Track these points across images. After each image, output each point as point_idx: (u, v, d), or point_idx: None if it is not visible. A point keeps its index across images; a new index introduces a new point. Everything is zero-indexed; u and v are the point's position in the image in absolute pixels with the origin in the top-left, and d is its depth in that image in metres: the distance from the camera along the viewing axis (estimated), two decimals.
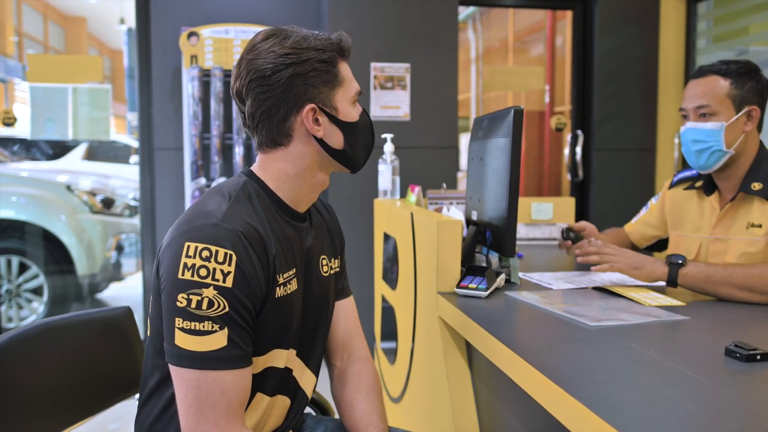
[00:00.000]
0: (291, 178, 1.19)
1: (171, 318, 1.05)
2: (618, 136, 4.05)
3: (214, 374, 1.04)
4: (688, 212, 1.88)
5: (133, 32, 3.80)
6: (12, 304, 4.36)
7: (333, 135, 1.19)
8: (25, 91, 3.86)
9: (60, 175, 5.00)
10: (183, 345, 1.04)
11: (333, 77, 1.17)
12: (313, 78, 1.14)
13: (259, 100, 1.14)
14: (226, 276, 1.04)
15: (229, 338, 1.05)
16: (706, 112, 1.70)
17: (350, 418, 1.34)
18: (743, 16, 3.71)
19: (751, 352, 1.05)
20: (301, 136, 1.17)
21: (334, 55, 1.17)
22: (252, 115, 1.16)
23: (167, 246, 1.09)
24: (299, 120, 1.16)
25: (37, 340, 1.25)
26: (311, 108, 1.15)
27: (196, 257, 1.03)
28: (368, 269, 2.95)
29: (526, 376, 1.08)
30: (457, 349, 1.66)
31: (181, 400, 1.06)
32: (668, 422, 0.83)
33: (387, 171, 2.51)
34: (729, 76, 1.69)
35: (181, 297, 1.03)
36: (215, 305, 1.03)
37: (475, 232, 1.74)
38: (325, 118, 1.17)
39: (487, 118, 1.76)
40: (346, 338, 1.41)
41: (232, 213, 1.09)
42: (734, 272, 1.49)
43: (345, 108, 1.20)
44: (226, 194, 1.14)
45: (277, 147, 1.18)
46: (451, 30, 3.75)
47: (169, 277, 1.06)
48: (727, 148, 1.69)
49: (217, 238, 1.05)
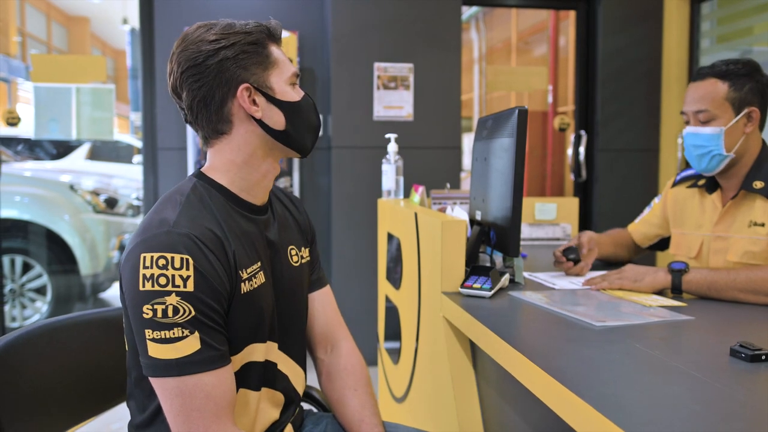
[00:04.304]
0: (239, 167, 1.19)
1: (141, 331, 1.04)
2: (621, 137, 4.04)
3: (194, 378, 1.04)
4: (690, 210, 1.88)
5: (137, 32, 3.80)
6: (15, 304, 4.36)
7: (273, 115, 1.18)
8: (29, 90, 3.87)
9: (63, 175, 5.01)
10: (157, 355, 1.03)
11: (264, 59, 1.17)
12: (243, 60, 1.14)
13: (193, 90, 1.14)
14: (186, 281, 1.04)
15: (201, 341, 1.04)
16: (706, 117, 1.69)
17: (343, 415, 1.34)
18: (747, 16, 3.70)
19: (756, 352, 1.05)
20: (242, 121, 1.17)
21: (263, 37, 1.18)
22: (190, 107, 1.16)
23: (125, 260, 1.08)
24: (236, 104, 1.15)
25: (40, 340, 1.25)
26: (245, 87, 1.15)
27: (153, 267, 1.03)
28: (372, 269, 2.95)
29: (531, 375, 1.07)
30: (461, 349, 1.66)
31: (168, 411, 1.06)
32: (673, 422, 0.83)
33: (390, 171, 2.51)
34: (727, 78, 1.68)
35: (146, 308, 1.03)
36: (180, 311, 1.03)
37: (479, 232, 1.74)
38: (262, 99, 1.17)
39: (491, 118, 1.76)
40: (327, 329, 1.41)
41: (183, 218, 1.09)
42: (738, 276, 1.49)
43: (282, 88, 1.19)
44: (177, 199, 1.13)
45: (220, 136, 1.18)
46: (454, 30, 3.75)
47: (130, 290, 1.05)
48: (728, 152, 1.69)
49: (171, 244, 1.05)
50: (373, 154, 3.43)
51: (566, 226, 2.66)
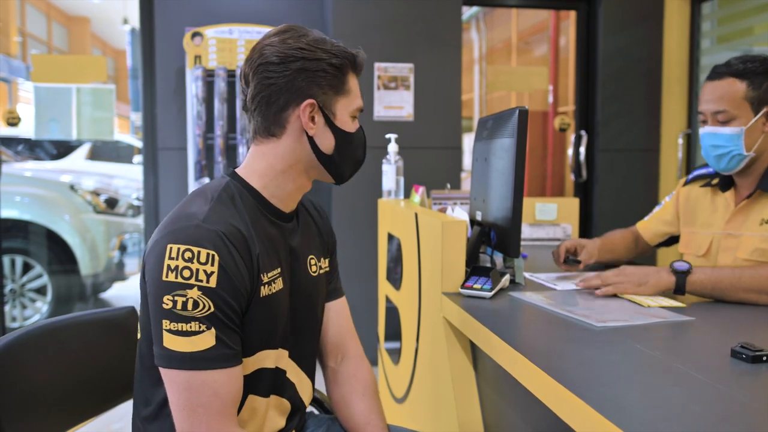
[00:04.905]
0: (276, 174, 1.20)
1: (158, 320, 1.05)
2: (622, 137, 4.04)
3: (205, 374, 1.05)
4: (701, 209, 1.87)
5: (137, 32, 3.80)
6: (16, 304, 4.36)
7: (325, 138, 1.19)
8: (29, 91, 3.87)
9: (64, 175, 5.01)
10: (171, 346, 1.04)
11: (340, 84, 1.19)
12: (320, 78, 1.16)
13: (262, 85, 1.15)
14: (210, 276, 1.04)
15: (217, 338, 1.05)
16: (725, 118, 1.68)
17: (349, 418, 1.34)
18: (747, 16, 3.70)
19: (757, 353, 1.05)
20: (294, 132, 1.18)
21: (346, 64, 1.19)
22: (253, 98, 1.17)
23: (150, 249, 1.09)
24: (296, 114, 1.16)
25: (41, 340, 1.25)
26: (310, 103, 1.16)
27: (179, 259, 1.04)
28: (372, 269, 2.95)
29: (531, 376, 1.07)
30: (461, 349, 1.66)
31: (174, 403, 1.06)
32: (674, 423, 0.82)
33: (391, 171, 2.51)
34: (745, 77, 1.67)
35: (167, 299, 1.04)
36: (200, 306, 1.04)
37: (480, 232, 1.74)
38: (321, 119, 1.18)
39: (491, 118, 1.76)
40: (339, 339, 1.41)
41: (213, 214, 1.10)
42: (743, 275, 1.48)
43: (343, 117, 1.21)
44: (209, 196, 1.14)
45: (269, 138, 1.19)
46: (454, 30, 3.75)
47: (153, 280, 1.06)
48: (747, 151, 1.68)
49: (199, 239, 1.05)
50: (374, 154, 3.41)
51: (567, 227, 2.66)
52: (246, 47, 3.57)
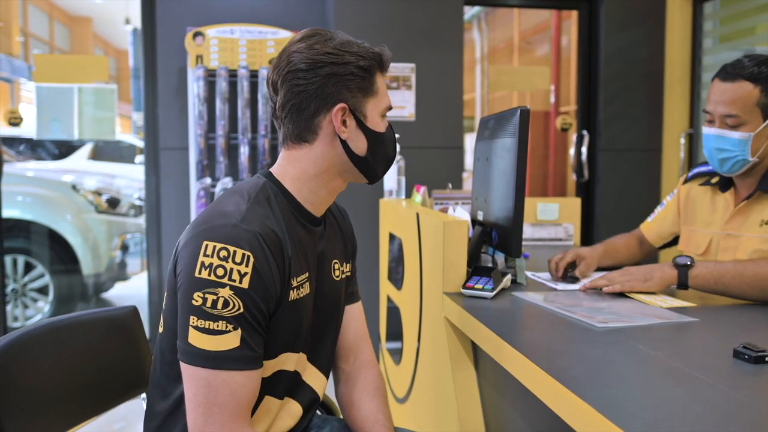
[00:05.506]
0: (311, 178, 1.20)
1: (186, 316, 1.05)
2: (623, 137, 4.03)
3: (225, 374, 1.05)
4: (700, 208, 1.86)
5: (139, 32, 3.80)
6: (18, 304, 4.37)
7: (358, 140, 1.20)
8: (31, 91, 3.87)
9: (65, 175, 5.02)
10: (196, 343, 1.04)
11: (369, 85, 1.19)
12: (349, 81, 1.16)
13: (292, 92, 1.15)
14: (243, 277, 1.04)
15: (242, 339, 1.05)
16: (735, 123, 1.65)
17: (356, 418, 1.34)
18: (749, 15, 3.69)
19: (759, 353, 1.05)
20: (326, 136, 1.18)
21: (374, 65, 1.19)
22: (283, 106, 1.17)
23: (185, 244, 1.09)
24: (328, 119, 1.17)
25: (42, 340, 1.26)
26: (342, 107, 1.16)
27: (214, 257, 1.04)
28: (373, 269, 2.95)
29: (533, 377, 1.07)
30: (462, 349, 1.66)
31: (190, 399, 1.07)
32: (676, 424, 0.82)
33: (392, 171, 2.51)
34: (759, 82, 1.63)
35: (197, 295, 1.04)
36: (230, 305, 1.04)
37: (481, 232, 1.74)
38: (353, 122, 1.19)
39: (493, 118, 1.75)
40: (354, 342, 1.42)
41: (251, 214, 1.10)
42: (746, 271, 1.47)
43: (374, 117, 1.21)
44: (246, 195, 1.14)
45: (302, 143, 1.19)
46: (456, 30, 3.75)
47: (186, 275, 1.06)
48: (752, 157, 1.66)
49: (236, 238, 1.06)
50: None
51: (568, 227, 2.66)
52: (247, 47, 3.58)
